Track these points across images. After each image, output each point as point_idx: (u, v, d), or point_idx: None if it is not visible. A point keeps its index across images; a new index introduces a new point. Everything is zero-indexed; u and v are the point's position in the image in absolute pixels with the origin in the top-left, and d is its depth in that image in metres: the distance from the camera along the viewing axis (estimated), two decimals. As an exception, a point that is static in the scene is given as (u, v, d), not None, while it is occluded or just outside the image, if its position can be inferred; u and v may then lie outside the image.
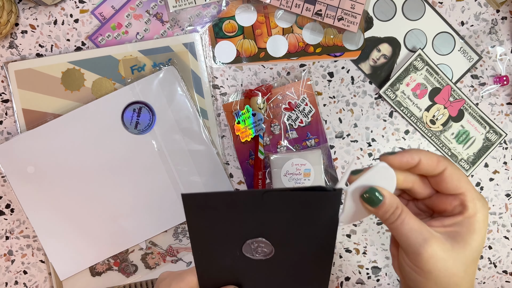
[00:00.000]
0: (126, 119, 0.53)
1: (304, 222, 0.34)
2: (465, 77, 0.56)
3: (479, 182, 0.56)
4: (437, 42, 0.55)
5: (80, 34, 0.54)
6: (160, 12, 0.54)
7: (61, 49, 0.54)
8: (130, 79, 0.53)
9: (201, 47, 0.54)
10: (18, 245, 0.55)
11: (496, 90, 0.56)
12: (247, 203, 0.33)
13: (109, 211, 0.53)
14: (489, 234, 0.57)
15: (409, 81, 0.54)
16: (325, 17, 0.52)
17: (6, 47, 0.54)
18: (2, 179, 0.55)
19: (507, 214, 0.56)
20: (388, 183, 0.33)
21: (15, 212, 0.55)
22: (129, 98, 0.52)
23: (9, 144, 0.51)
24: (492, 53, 0.55)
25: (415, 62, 0.54)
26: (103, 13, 0.54)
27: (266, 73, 0.55)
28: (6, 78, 0.53)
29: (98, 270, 0.54)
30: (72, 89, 0.53)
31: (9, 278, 0.55)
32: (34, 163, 0.52)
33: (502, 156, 0.56)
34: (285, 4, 0.52)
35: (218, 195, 0.33)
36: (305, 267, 0.36)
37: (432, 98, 0.55)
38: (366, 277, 0.57)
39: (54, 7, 0.54)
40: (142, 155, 0.52)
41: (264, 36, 0.54)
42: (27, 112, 0.53)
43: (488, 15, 0.55)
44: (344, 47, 0.55)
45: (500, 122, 0.56)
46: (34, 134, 0.51)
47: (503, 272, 0.57)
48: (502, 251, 0.57)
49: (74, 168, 0.52)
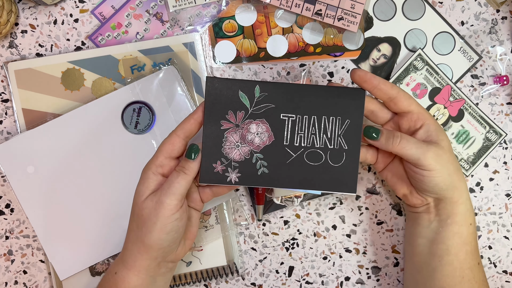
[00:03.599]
0: (126, 119, 0.53)
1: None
2: (465, 77, 0.56)
3: (479, 182, 0.56)
4: (437, 42, 0.55)
5: (80, 34, 0.54)
6: (160, 12, 0.54)
7: (61, 49, 0.54)
8: (130, 79, 0.53)
9: (201, 47, 0.54)
10: (18, 245, 0.55)
11: (496, 90, 0.56)
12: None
13: (109, 211, 0.53)
14: (489, 234, 0.57)
15: (409, 81, 0.54)
16: (325, 16, 0.52)
17: (6, 46, 0.54)
18: (2, 178, 0.55)
19: (507, 214, 0.56)
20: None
21: (15, 212, 0.55)
22: (129, 98, 0.52)
23: (9, 144, 0.51)
24: (492, 53, 0.55)
25: (415, 62, 0.54)
26: (103, 12, 0.54)
27: (266, 73, 0.55)
28: (6, 78, 0.53)
29: (98, 270, 0.54)
30: (72, 89, 0.53)
31: (9, 278, 0.55)
32: (34, 163, 0.52)
33: (502, 156, 0.56)
34: (285, 4, 0.52)
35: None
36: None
37: (432, 98, 0.55)
38: (366, 277, 0.57)
39: (54, 6, 0.54)
40: (142, 155, 0.52)
41: (264, 36, 0.54)
42: (27, 112, 0.53)
43: (488, 15, 0.55)
44: (344, 47, 0.55)
45: (500, 122, 0.56)
46: (34, 134, 0.51)
47: (503, 272, 0.57)
48: (502, 251, 0.57)
49: (74, 168, 0.52)
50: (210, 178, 0.42)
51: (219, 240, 0.55)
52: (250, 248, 0.56)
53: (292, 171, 0.43)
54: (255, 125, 0.42)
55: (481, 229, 0.57)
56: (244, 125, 0.42)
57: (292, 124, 0.43)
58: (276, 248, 0.56)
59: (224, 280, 0.56)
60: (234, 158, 0.42)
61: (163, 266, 0.43)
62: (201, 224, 0.54)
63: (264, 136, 0.43)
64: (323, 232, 0.56)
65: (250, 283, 0.56)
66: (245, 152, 0.43)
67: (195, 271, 0.55)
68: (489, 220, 0.56)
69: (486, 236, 0.57)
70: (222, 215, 0.54)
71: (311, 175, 0.43)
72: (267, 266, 0.56)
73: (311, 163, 0.43)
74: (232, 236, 0.55)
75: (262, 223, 0.56)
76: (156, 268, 0.43)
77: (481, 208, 0.56)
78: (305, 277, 0.56)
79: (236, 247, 0.55)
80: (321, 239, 0.56)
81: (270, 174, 0.43)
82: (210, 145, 0.42)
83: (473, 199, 0.56)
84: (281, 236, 0.56)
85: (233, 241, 0.55)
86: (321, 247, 0.56)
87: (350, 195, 0.55)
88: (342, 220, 0.56)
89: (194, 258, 0.55)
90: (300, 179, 0.43)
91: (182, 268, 0.54)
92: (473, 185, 0.56)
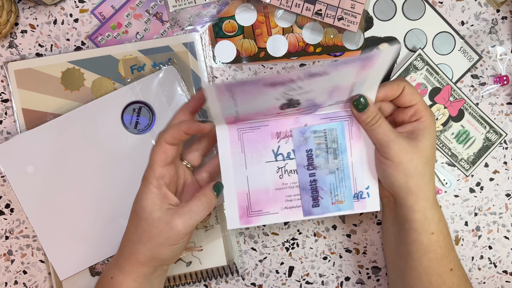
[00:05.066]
0: (126, 119, 0.52)
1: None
2: (465, 77, 0.56)
3: (479, 182, 0.56)
4: (437, 42, 0.55)
5: (80, 33, 0.54)
6: (160, 12, 0.54)
7: (61, 49, 0.54)
8: (130, 78, 0.53)
9: (201, 46, 0.54)
10: (18, 245, 0.55)
11: (496, 90, 0.56)
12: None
13: (109, 211, 0.53)
14: (489, 234, 0.57)
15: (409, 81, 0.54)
16: (325, 16, 0.52)
17: (6, 46, 0.54)
18: (2, 178, 0.55)
19: (507, 214, 0.56)
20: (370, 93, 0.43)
21: (14, 212, 0.55)
22: (129, 98, 0.52)
23: (8, 144, 0.51)
24: (492, 53, 0.55)
25: (415, 62, 0.54)
26: (103, 12, 0.54)
27: (266, 72, 0.55)
28: (6, 78, 0.53)
29: (98, 270, 0.54)
30: (72, 88, 0.53)
31: (8, 278, 0.55)
32: (34, 163, 0.52)
33: (502, 156, 0.56)
34: (285, 4, 0.52)
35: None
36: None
37: (432, 97, 0.55)
38: (366, 277, 0.57)
39: (54, 6, 0.54)
40: (142, 155, 0.52)
41: (264, 36, 0.54)
42: (26, 112, 0.53)
43: (488, 14, 0.55)
44: (344, 47, 0.55)
45: (500, 122, 0.56)
46: (34, 134, 0.51)
47: (503, 272, 0.57)
48: (502, 251, 0.57)
49: (74, 168, 0.52)
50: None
51: (219, 240, 0.55)
52: (250, 248, 0.56)
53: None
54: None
55: (481, 229, 0.57)
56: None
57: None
58: (276, 248, 0.56)
59: (224, 280, 0.56)
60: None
61: (159, 269, 0.44)
62: (201, 224, 0.54)
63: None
64: (323, 232, 0.56)
65: (250, 283, 0.56)
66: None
67: (195, 271, 0.55)
68: (489, 220, 0.56)
69: (486, 236, 0.57)
70: (222, 215, 0.54)
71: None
72: (267, 266, 0.56)
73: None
74: (232, 236, 0.55)
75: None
76: (153, 272, 0.43)
77: (481, 208, 0.56)
78: (305, 277, 0.56)
79: (236, 247, 0.55)
80: (321, 239, 0.56)
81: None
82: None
83: (473, 199, 0.56)
84: (281, 236, 0.56)
85: (233, 241, 0.55)
86: (321, 247, 0.56)
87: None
88: (342, 220, 0.56)
89: (194, 258, 0.55)
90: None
91: (182, 268, 0.54)
92: (473, 185, 0.56)
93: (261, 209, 0.44)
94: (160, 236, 0.40)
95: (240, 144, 0.44)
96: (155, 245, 0.40)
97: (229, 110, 0.40)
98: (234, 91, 0.37)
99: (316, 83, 0.37)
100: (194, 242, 0.54)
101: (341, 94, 0.41)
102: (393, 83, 0.43)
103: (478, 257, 0.57)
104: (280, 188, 0.44)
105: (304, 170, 0.44)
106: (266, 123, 0.44)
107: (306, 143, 0.44)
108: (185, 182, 0.45)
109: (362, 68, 0.37)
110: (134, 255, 0.41)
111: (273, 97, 0.38)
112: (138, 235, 0.41)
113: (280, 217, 0.45)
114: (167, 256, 0.41)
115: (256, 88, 0.36)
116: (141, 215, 0.41)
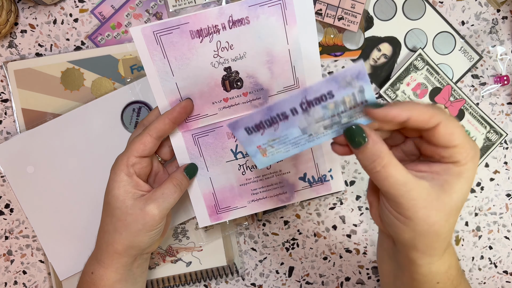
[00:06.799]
0: (125, 118, 0.52)
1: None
2: (465, 76, 0.56)
3: (480, 182, 0.56)
4: (437, 41, 0.55)
5: (80, 33, 0.54)
6: (160, 12, 0.54)
7: (61, 49, 0.54)
8: (129, 78, 0.53)
9: (201, 46, 0.54)
10: (18, 245, 0.55)
11: (497, 90, 0.56)
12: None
13: (108, 211, 0.53)
14: (490, 234, 0.57)
15: (409, 81, 0.54)
16: (325, 16, 0.52)
17: (6, 46, 0.54)
18: (2, 179, 0.55)
19: (508, 214, 0.56)
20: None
21: (14, 212, 0.55)
22: (129, 98, 0.52)
23: (8, 144, 0.51)
24: (492, 52, 0.55)
25: (416, 62, 0.54)
26: (103, 12, 0.54)
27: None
28: (6, 78, 0.53)
29: (97, 270, 0.54)
30: (72, 88, 0.53)
31: (8, 278, 0.55)
32: (34, 163, 0.51)
33: (503, 156, 0.56)
34: (285, 4, 0.52)
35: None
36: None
37: (432, 97, 0.55)
38: (366, 277, 0.57)
39: (54, 6, 0.54)
40: (142, 155, 0.52)
41: (264, 36, 0.54)
42: (26, 112, 0.53)
43: (489, 14, 0.55)
44: (344, 46, 0.54)
45: (501, 122, 0.56)
46: (33, 134, 0.51)
47: (504, 272, 0.57)
48: (502, 251, 0.57)
49: (74, 168, 0.52)
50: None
51: (219, 240, 0.54)
52: (250, 248, 0.56)
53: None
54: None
55: (481, 229, 0.56)
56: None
57: None
58: (276, 248, 0.56)
59: (224, 280, 0.56)
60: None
61: (139, 258, 0.43)
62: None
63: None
64: (323, 232, 0.56)
65: (250, 283, 0.56)
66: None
67: (195, 271, 0.55)
68: (489, 220, 0.56)
69: (487, 237, 0.57)
70: (222, 215, 0.54)
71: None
72: (267, 266, 0.56)
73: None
74: (232, 236, 0.55)
75: (262, 223, 0.56)
76: (133, 262, 0.43)
77: (481, 208, 0.56)
78: (305, 277, 0.56)
79: (236, 247, 0.55)
80: (321, 239, 0.56)
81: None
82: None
83: (474, 199, 0.56)
84: (281, 236, 0.56)
85: (233, 241, 0.55)
86: (321, 247, 0.56)
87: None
88: (342, 220, 0.56)
89: (194, 258, 0.55)
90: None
91: (182, 268, 0.54)
92: (473, 185, 0.56)
93: (229, 205, 0.46)
94: (136, 223, 0.39)
95: (197, 148, 0.44)
96: (132, 233, 0.40)
97: (168, 83, 0.41)
98: (164, 43, 0.39)
99: (242, 34, 0.38)
100: (194, 242, 0.54)
101: (283, 72, 0.41)
102: (422, 108, 0.29)
103: (478, 257, 0.57)
104: (244, 184, 0.45)
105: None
106: (220, 124, 0.44)
107: None
108: (157, 174, 0.45)
109: (284, 22, 0.39)
110: (112, 246, 0.41)
111: (207, 59, 0.40)
112: (113, 225, 0.41)
113: (249, 210, 0.46)
114: (145, 244, 0.41)
115: (183, 38, 0.39)
116: (114, 204, 0.40)
